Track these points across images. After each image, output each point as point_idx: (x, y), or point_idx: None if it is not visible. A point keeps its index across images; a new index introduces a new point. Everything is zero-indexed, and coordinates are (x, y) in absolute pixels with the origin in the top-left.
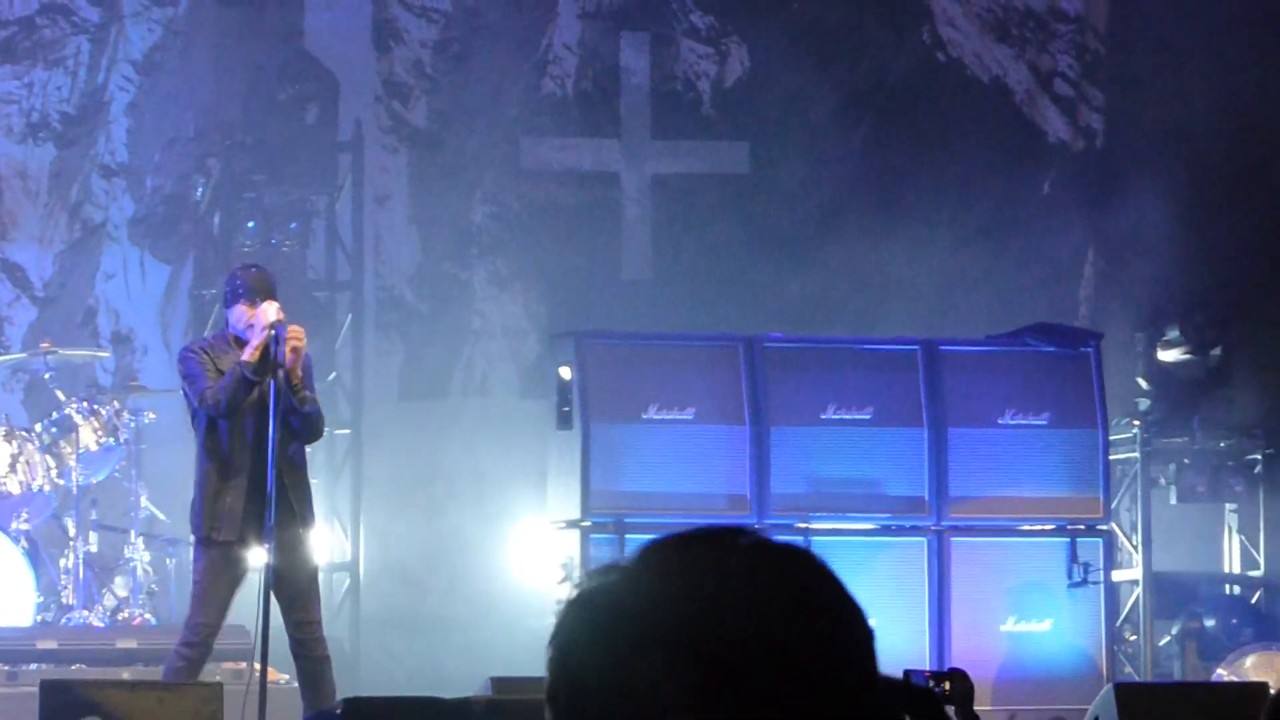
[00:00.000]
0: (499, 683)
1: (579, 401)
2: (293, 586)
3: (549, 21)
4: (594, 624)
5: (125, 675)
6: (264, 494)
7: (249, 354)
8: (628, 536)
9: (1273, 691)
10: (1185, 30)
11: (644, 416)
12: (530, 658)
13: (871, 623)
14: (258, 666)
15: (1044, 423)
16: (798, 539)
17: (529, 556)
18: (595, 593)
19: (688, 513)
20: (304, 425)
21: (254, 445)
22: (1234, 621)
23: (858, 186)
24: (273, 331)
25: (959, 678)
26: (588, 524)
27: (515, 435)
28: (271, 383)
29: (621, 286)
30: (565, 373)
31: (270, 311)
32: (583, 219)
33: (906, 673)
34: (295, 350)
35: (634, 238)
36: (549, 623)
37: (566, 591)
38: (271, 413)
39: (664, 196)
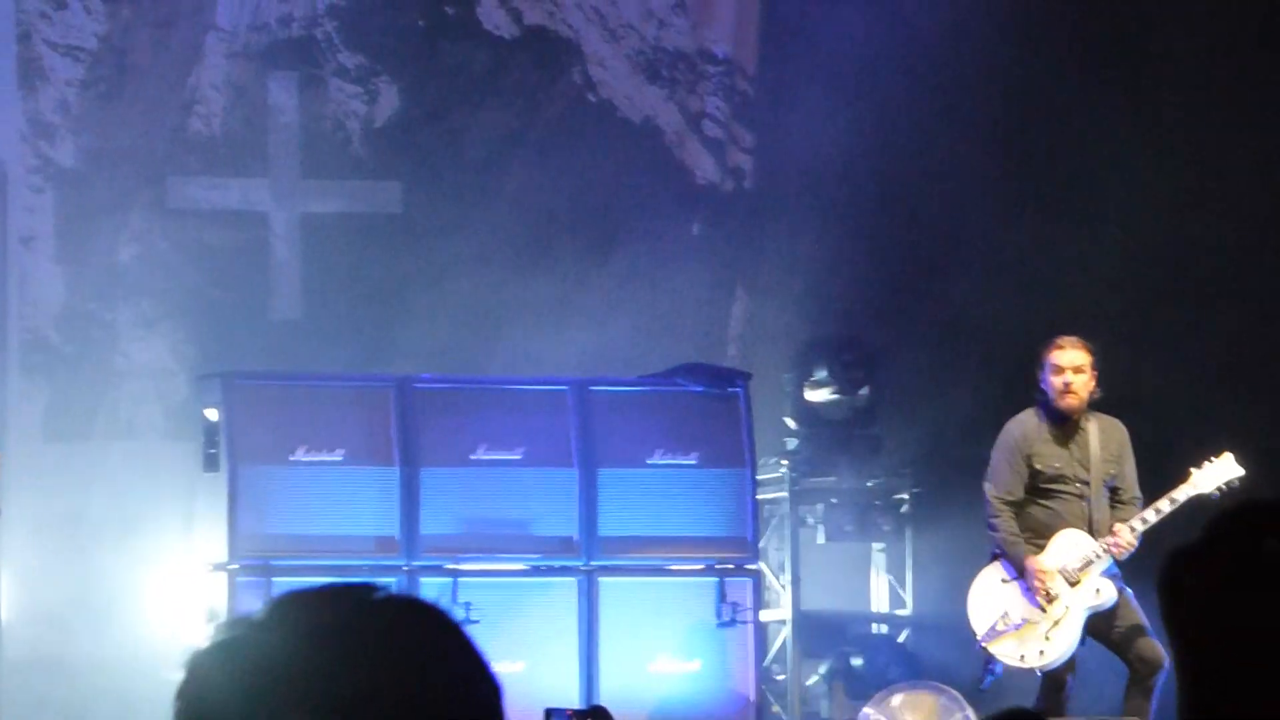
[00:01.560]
0: None
1: (225, 443)
2: None
3: (195, 61)
4: (228, 676)
5: None
6: None
7: None
8: (275, 579)
9: None
10: (833, 72)
11: (292, 458)
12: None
13: (500, 674)
14: None
15: (693, 462)
16: (447, 580)
17: (176, 600)
18: (225, 646)
19: (337, 555)
20: None
21: None
22: (882, 660)
23: (511, 226)
24: None
25: (600, 714)
26: (235, 567)
27: (162, 477)
28: None
29: (271, 327)
30: (211, 414)
31: None
32: (231, 259)
33: (548, 711)
34: None
35: (284, 278)
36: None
37: (194, 644)
38: None
39: (314, 236)
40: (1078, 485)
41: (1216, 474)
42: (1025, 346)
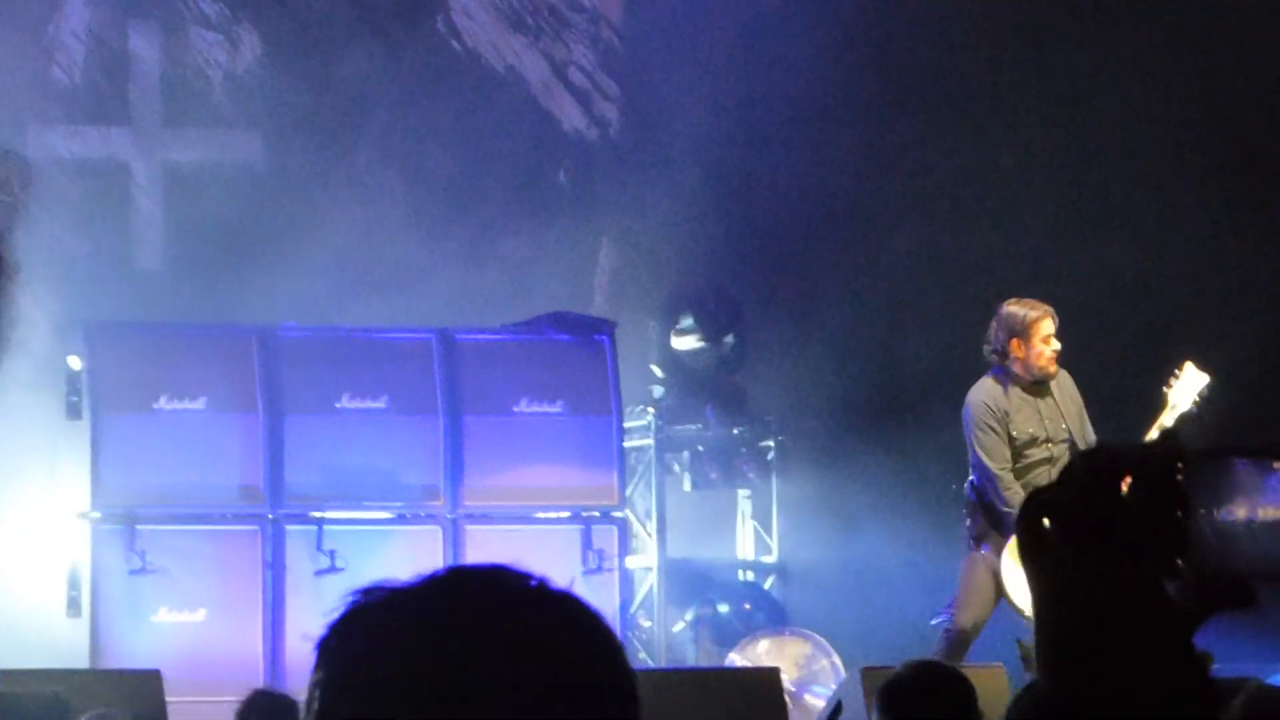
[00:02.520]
0: (4, 676)
1: (88, 391)
2: None
3: (55, 9)
4: (382, 634)
5: None
6: None
7: None
8: (138, 528)
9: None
10: (698, 22)
11: (155, 407)
12: (38, 650)
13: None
14: None
15: (559, 411)
16: (312, 528)
17: (39, 549)
18: (387, 605)
19: (201, 504)
20: None
21: None
22: (747, 607)
23: (373, 175)
24: None
25: None
26: (97, 516)
27: (25, 426)
28: None
29: (134, 277)
30: (74, 362)
31: None
32: (93, 208)
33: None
34: None
35: (146, 227)
36: (52, 617)
37: (350, 599)
38: None
39: (176, 185)
40: (1048, 446)
41: (1188, 387)
42: (888, 293)
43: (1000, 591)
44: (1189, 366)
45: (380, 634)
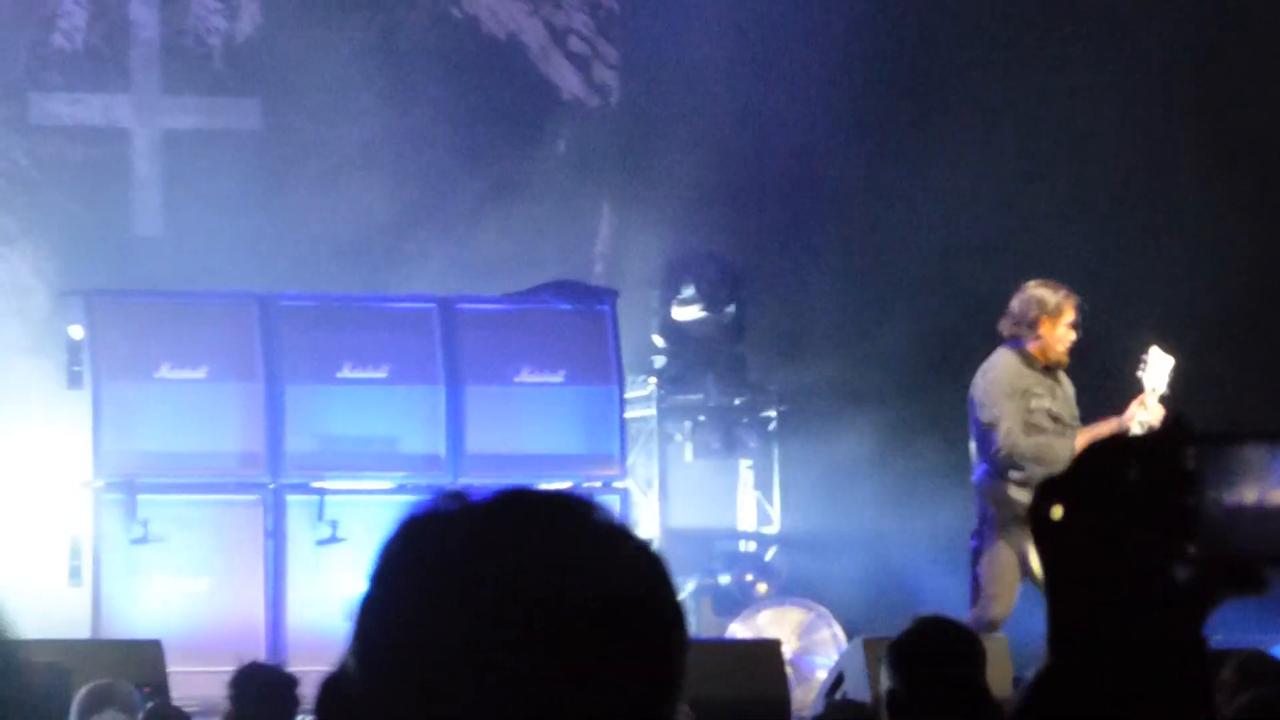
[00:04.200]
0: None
1: (89, 360)
2: None
3: None
4: (435, 547)
5: None
6: None
7: None
8: (140, 497)
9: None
10: None
11: (156, 375)
12: (39, 620)
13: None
14: None
15: (560, 380)
16: (313, 498)
17: (39, 519)
18: (445, 517)
19: (201, 473)
20: None
21: None
22: (749, 577)
23: (372, 144)
24: None
25: None
26: (99, 484)
27: (25, 395)
28: None
29: (133, 244)
30: (75, 331)
31: None
32: (93, 175)
33: None
34: None
35: (145, 194)
36: (53, 586)
37: (399, 518)
38: None
39: (176, 152)
40: (1062, 428)
41: (1158, 370)
42: (888, 263)
43: (1026, 571)
44: (1154, 350)
45: (431, 546)
